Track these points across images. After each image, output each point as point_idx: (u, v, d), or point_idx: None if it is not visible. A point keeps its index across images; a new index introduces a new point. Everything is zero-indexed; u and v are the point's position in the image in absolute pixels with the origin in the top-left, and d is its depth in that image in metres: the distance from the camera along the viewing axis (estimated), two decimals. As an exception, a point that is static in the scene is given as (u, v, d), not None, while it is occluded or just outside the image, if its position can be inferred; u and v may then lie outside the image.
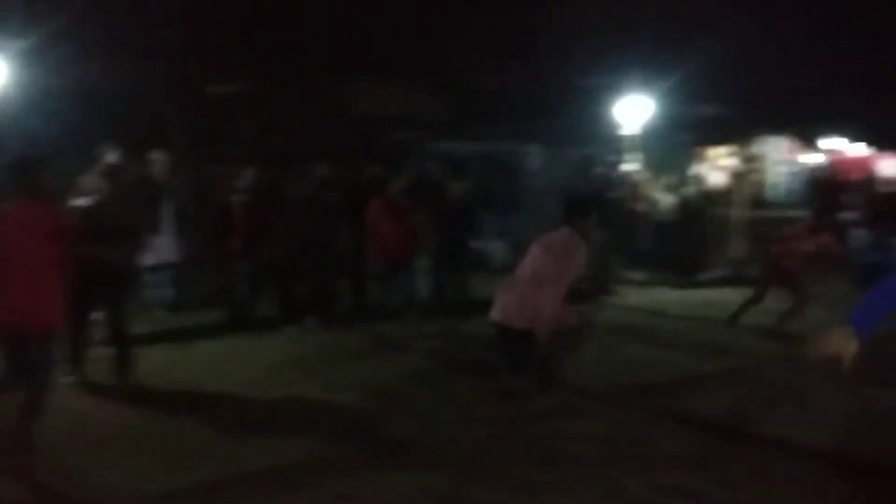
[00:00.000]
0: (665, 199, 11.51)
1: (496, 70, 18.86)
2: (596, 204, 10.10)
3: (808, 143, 24.70)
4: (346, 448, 5.21)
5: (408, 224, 8.02)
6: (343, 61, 21.75)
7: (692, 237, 11.47)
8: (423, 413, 5.93)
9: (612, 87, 14.57)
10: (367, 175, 9.58)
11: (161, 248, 8.31)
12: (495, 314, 5.82)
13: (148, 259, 7.82)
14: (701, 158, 25.96)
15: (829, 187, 18.32)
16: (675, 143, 22.04)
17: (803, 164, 25.64)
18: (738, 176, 14.92)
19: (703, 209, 11.64)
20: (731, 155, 24.47)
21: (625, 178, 11.22)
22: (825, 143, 25.00)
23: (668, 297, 10.64)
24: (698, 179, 11.85)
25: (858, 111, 22.90)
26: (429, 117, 17.78)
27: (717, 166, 25.44)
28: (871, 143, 24.96)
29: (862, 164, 25.17)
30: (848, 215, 13.45)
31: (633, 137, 13.55)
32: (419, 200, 8.69)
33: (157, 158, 8.67)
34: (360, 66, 21.57)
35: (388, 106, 18.82)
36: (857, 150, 25.61)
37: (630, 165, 11.72)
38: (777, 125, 21.21)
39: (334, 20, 21.78)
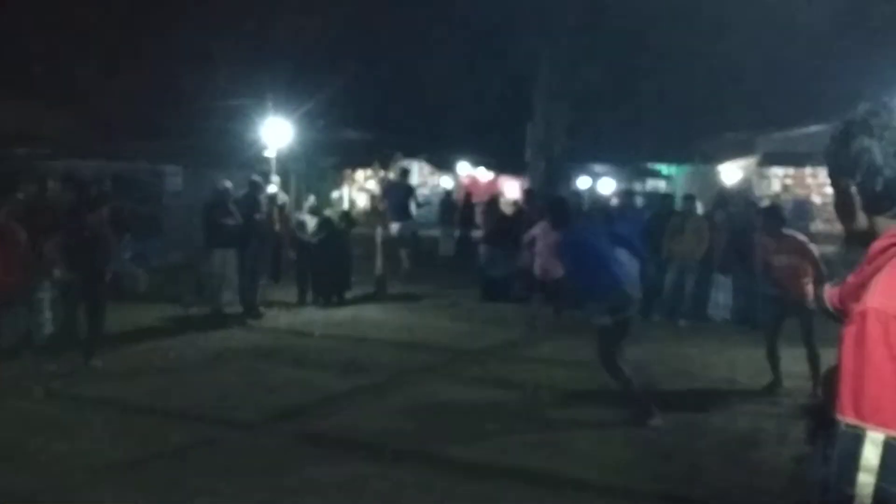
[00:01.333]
0: (310, 221, 11.66)
1: (130, 87, 17.72)
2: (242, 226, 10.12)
3: (442, 167, 26.98)
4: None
5: (21, 252, 6.96)
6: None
7: (337, 257, 11.77)
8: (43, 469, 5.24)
9: (254, 109, 14.49)
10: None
11: None
12: None
13: None
14: (345, 180, 27.01)
15: (462, 207, 20.08)
16: (319, 165, 22.68)
17: (439, 186, 27.80)
18: (377, 198, 15.70)
19: (346, 230, 12.00)
20: (372, 177, 25.86)
21: (270, 200, 11.14)
22: (459, 167, 27.50)
23: (315, 316, 10.78)
24: (342, 200, 12.21)
25: (483, 141, 25.58)
26: (48, 133, 16.03)
27: (361, 188, 26.73)
28: (493, 168, 28.04)
29: (489, 186, 28.11)
30: (477, 232, 14.89)
31: (275, 159, 13.60)
32: (40, 225, 7.76)
33: None
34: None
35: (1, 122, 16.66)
36: (484, 174, 28.57)
37: (273, 187, 11.69)
38: (414, 150, 22.81)
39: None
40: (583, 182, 26.54)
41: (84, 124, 17.18)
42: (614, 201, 13.13)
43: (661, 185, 26.70)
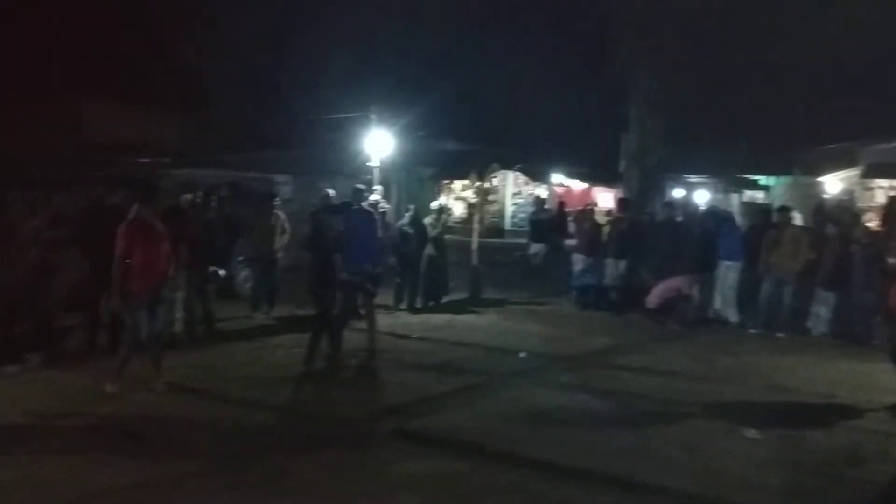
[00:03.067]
0: (409, 230, 12.04)
1: (243, 100, 18.70)
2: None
3: (536, 177, 27.05)
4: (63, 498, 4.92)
5: (166, 249, 7.43)
6: (77, 82, 20.33)
7: (434, 264, 12.12)
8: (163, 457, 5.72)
9: (359, 121, 15.06)
10: (106, 203, 9.09)
11: None
12: None
13: None
14: (444, 190, 27.50)
15: (556, 216, 20.15)
16: (418, 175, 23.24)
17: (534, 196, 27.82)
18: (475, 206, 16.01)
19: (442, 237, 12.33)
20: (469, 187, 26.20)
21: (372, 208, 11.59)
22: (553, 177, 27.53)
23: (412, 320, 11.14)
24: (441, 210, 12.56)
25: (577, 152, 25.57)
26: (170, 144, 17.14)
27: (458, 197, 27.14)
28: (586, 178, 27.90)
29: (583, 196, 27.97)
30: (570, 242, 15.00)
31: (377, 169, 14.12)
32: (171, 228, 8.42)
33: None
34: (96, 88, 20.29)
35: (125, 130, 17.90)
36: (579, 184, 28.45)
37: (375, 196, 12.15)
38: (509, 161, 23.02)
39: (70, 38, 20.29)
40: (677, 193, 26.14)
41: (201, 135, 18.23)
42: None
43: (758, 196, 25.98)
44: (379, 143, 14.64)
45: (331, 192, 10.93)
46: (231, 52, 19.44)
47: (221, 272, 9.88)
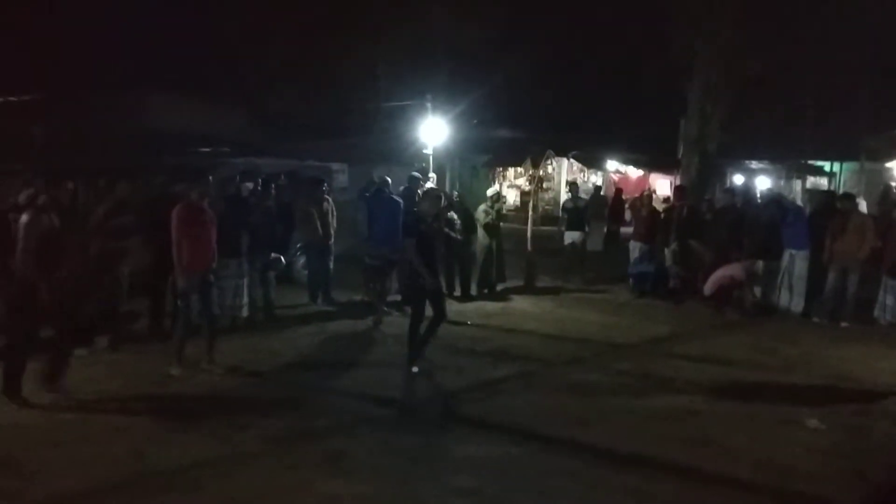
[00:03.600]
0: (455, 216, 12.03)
1: (298, 89, 18.95)
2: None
3: (591, 165, 26.74)
4: (131, 476, 5.09)
5: (213, 233, 7.61)
6: (140, 74, 20.92)
7: (492, 252, 12.14)
8: (224, 438, 5.86)
9: (414, 109, 15.11)
10: (169, 191, 9.32)
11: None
12: None
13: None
14: (497, 178, 27.44)
15: (612, 203, 19.98)
16: (472, 163, 23.22)
17: (588, 183, 27.61)
18: (529, 194, 15.93)
19: (498, 224, 12.32)
20: (522, 175, 26.10)
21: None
22: (609, 164, 27.21)
23: (467, 307, 11.18)
24: (496, 197, 12.54)
25: (633, 137, 25.19)
26: (229, 134, 17.47)
27: (511, 185, 27.06)
28: (642, 165, 27.48)
29: (640, 182, 27.60)
30: (626, 228, 14.84)
31: (432, 157, 14.15)
32: (232, 216, 8.66)
33: None
34: (157, 80, 20.85)
35: (186, 121, 18.33)
36: (635, 171, 28.07)
37: (430, 183, 12.21)
38: (564, 148, 22.83)
39: (131, 30, 20.89)
40: (737, 180, 25.58)
41: (259, 125, 18.56)
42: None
43: (822, 182, 25.25)
44: (434, 131, 14.69)
45: (385, 178, 10.98)
46: (287, 42, 19.68)
47: (282, 259, 10.07)
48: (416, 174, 11.47)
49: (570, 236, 13.65)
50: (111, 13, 21.00)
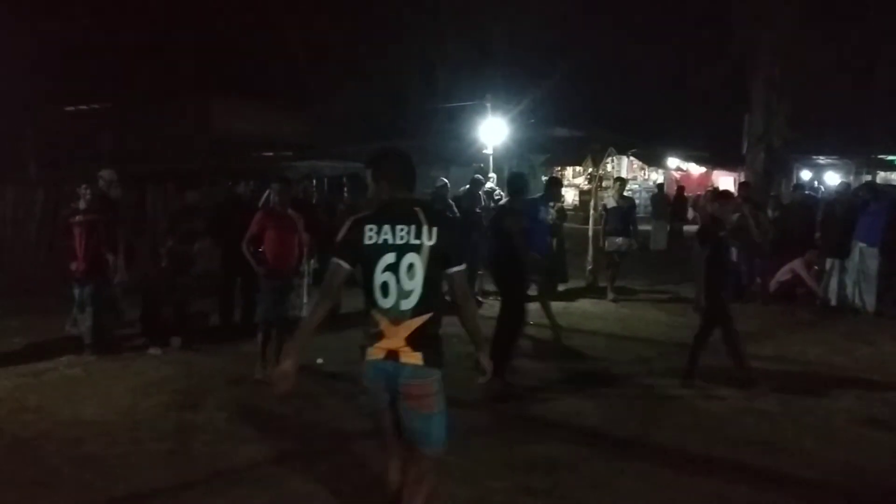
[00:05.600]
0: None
1: (359, 93, 19.15)
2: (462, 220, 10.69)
3: (651, 162, 26.42)
4: (207, 473, 5.19)
5: (300, 237, 7.76)
6: (204, 81, 21.45)
7: (554, 251, 12.04)
8: (296, 435, 5.96)
9: (473, 110, 15.14)
10: (235, 194, 9.57)
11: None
12: None
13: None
14: (557, 176, 27.27)
15: (674, 201, 19.69)
16: (531, 162, 23.14)
17: (649, 181, 27.28)
18: (588, 193, 15.80)
19: (560, 224, 12.24)
20: (581, 174, 25.89)
21: (487, 196, 11.67)
22: (670, 161, 26.85)
23: (529, 307, 11.11)
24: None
25: (695, 134, 24.76)
26: (290, 137, 17.78)
27: (570, 184, 26.87)
28: (705, 162, 27.02)
29: (702, 179, 27.15)
30: (688, 227, 14.60)
31: (491, 157, 14.15)
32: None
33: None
34: (220, 86, 21.35)
35: (249, 125, 18.72)
36: (697, 168, 27.64)
37: (490, 183, 12.22)
38: (624, 146, 22.60)
39: (195, 39, 21.44)
40: (804, 175, 24.96)
41: (320, 129, 18.83)
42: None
43: (894, 177, 24.44)
44: (493, 131, 14.70)
45: (444, 180, 11.04)
46: (347, 46, 19.92)
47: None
48: (478, 176, 11.46)
49: (613, 243, 11.87)
50: (175, 23, 21.59)
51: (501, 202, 10.32)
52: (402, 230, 3.47)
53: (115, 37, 19.87)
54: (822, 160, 25.50)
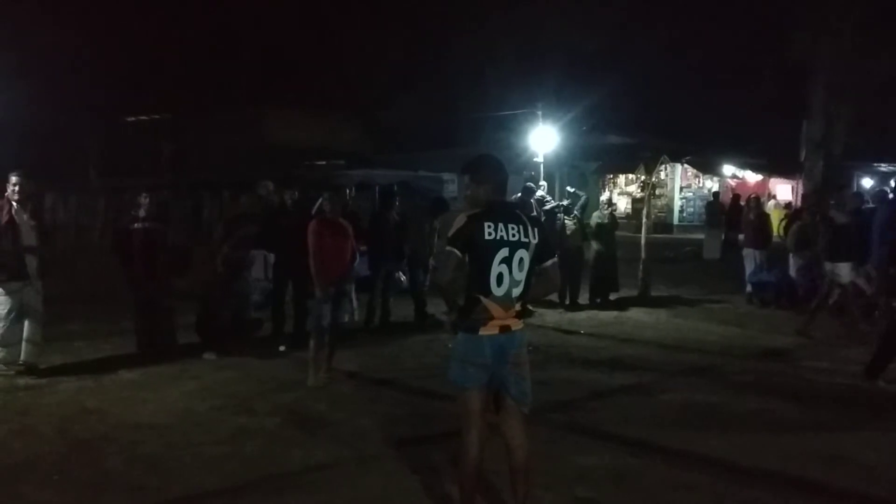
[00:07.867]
0: (569, 223, 11.94)
1: (408, 102, 19.29)
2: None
3: (706, 170, 25.98)
4: (260, 476, 5.27)
5: (350, 244, 7.88)
6: (258, 91, 21.91)
7: (605, 260, 11.98)
8: (347, 441, 6.03)
9: (524, 118, 15.13)
10: (288, 202, 9.74)
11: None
12: None
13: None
14: (609, 185, 27.05)
15: (729, 209, 19.37)
16: (581, 170, 23.00)
17: (703, 189, 26.83)
18: (641, 201, 15.64)
19: (612, 233, 12.17)
20: (633, 182, 25.62)
21: (538, 203, 11.66)
22: (725, 169, 26.38)
23: (579, 316, 11.08)
24: (608, 204, 12.39)
25: (751, 141, 24.28)
26: (343, 146, 18.00)
27: (622, 192, 26.61)
28: (761, 170, 26.45)
29: (758, 187, 26.58)
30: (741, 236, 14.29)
31: (542, 165, 14.11)
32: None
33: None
34: (275, 96, 21.77)
35: (302, 134, 19.02)
36: (753, 175, 27.07)
37: (541, 192, 12.20)
38: (677, 153, 22.29)
39: (250, 51, 21.92)
40: (866, 183, 24.25)
41: (372, 138, 19.04)
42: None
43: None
44: (544, 139, 14.68)
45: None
46: (399, 55, 20.11)
47: (403, 277, 10.28)
48: (530, 184, 11.47)
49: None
50: (231, 35, 22.09)
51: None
52: (513, 228, 4.04)
53: (175, 50, 20.43)
54: (883, 167, 24.75)
